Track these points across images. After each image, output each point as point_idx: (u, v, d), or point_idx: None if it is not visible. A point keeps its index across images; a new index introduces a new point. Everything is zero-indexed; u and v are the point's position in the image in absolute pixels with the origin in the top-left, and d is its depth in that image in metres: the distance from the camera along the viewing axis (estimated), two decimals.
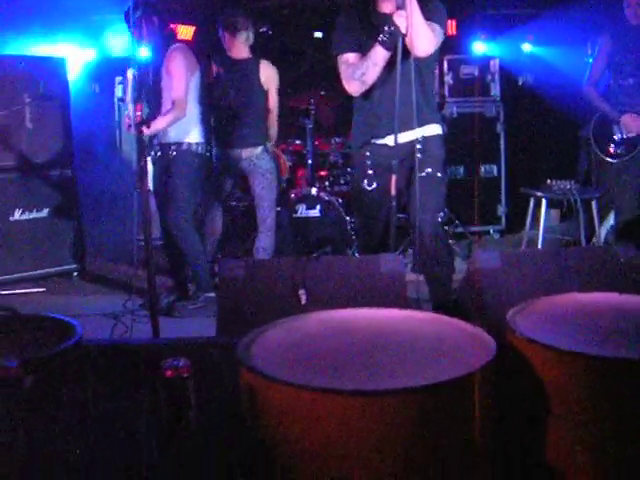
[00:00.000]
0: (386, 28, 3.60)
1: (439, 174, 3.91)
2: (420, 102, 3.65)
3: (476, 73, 7.31)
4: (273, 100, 5.67)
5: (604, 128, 5.35)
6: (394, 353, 2.11)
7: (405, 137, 3.82)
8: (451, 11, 3.84)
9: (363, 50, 3.79)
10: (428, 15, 3.66)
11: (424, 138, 3.88)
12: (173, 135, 4.95)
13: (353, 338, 2.23)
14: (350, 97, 4.05)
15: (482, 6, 7.51)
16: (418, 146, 3.83)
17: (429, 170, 3.86)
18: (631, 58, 5.21)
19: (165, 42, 4.88)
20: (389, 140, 3.83)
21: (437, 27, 3.75)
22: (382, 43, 3.64)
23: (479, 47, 7.78)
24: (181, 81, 4.81)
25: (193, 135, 5.01)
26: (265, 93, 5.60)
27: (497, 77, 7.35)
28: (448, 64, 7.18)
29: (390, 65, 3.69)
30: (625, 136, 5.21)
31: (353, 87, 3.86)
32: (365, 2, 3.91)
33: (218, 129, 5.47)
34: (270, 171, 5.54)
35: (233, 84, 5.37)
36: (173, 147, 4.95)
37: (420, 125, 3.78)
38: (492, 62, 7.36)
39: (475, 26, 7.57)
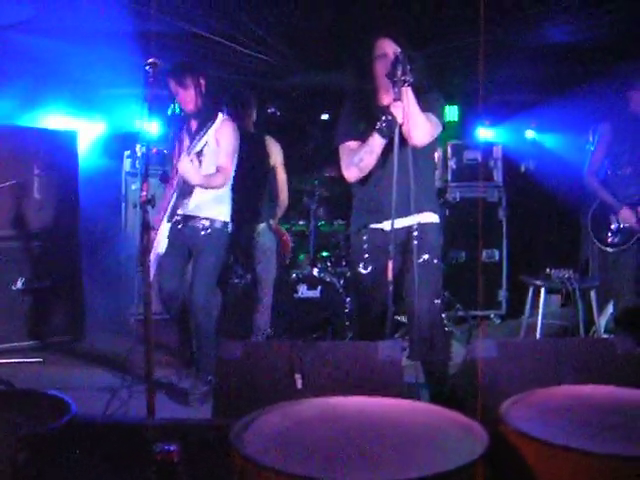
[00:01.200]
0: (383, 119, 3.72)
1: (436, 261, 3.95)
2: (416, 189, 3.71)
3: (479, 159, 7.41)
4: (282, 177, 5.76)
5: (601, 217, 5.41)
6: (387, 444, 2.10)
7: (401, 223, 3.86)
8: (455, 97, 3.95)
9: (363, 139, 3.90)
10: (425, 106, 3.80)
11: (420, 225, 3.92)
12: (205, 209, 4.73)
13: (347, 427, 2.23)
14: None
15: (486, 93, 7.64)
16: (415, 233, 3.87)
17: (426, 257, 3.90)
18: (629, 148, 5.30)
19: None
20: (385, 225, 3.90)
21: (434, 118, 3.88)
22: (379, 131, 3.76)
23: (483, 133, 7.90)
24: (231, 155, 4.72)
25: (226, 212, 4.84)
26: (271, 169, 5.67)
27: (500, 163, 7.45)
28: (452, 149, 7.29)
29: (388, 153, 3.79)
30: (622, 226, 5.26)
31: (350, 173, 3.98)
32: (367, 94, 4.03)
33: None
34: (271, 249, 5.58)
35: (239, 158, 5.42)
36: (206, 223, 4.73)
37: (416, 212, 3.83)
38: (495, 148, 7.48)
39: (479, 112, 7.70)
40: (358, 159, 3.89)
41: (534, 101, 7.79)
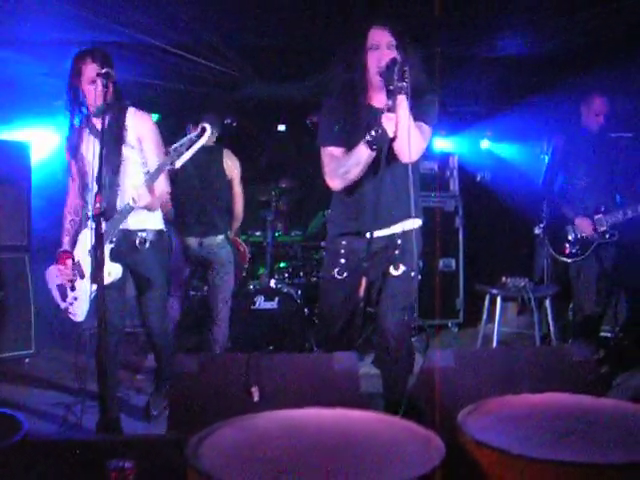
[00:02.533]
0: (373, 131, 3.47)
1: (413, 273, 3.79)
2: (403, 198, 3.56)
3: (436, 169, 7.47)
4: (237, 190, 5.72)
5: (557, 228, 5.47)
6: (344, 456, 2.09)
7: (383, 232, 3.75)
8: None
9: (349, 144, 3.64)
10: (419, 113, 3.53)
11: (403, 232, 3.76)
12: (141, 221, 4.21)
13: (305, 440, 2.21)
14: (312, 188, 4.01)
15: (442, 103, 7.69)
16: (398, 241, 3.75)
17: (404, 269, 3.76)
18: (583, 161, 5.39)
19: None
20: (367, 234, 3.68)
21: (427, 128, 3.62)
22: (368, 144, 3.50)
23: (439, 143, 7.96)
24: (162, 151, 4.12)
25: (160, 220, 4.37)
26: (228, 182, 5.65)
27: (456, 173, 7.52)
28: None
29: (375, 163, 3.55)
30: (579, 236, 5.33)
31: (334, 183, 3.71)
32: (354, 92, 3.71)
33: (179, 216, 5.42)
34: (229, 261, 5.54)
35: (197, 171, 5.40)
36: (143, 235, 4.22)
37: (400, 220, 3.71)
38: (451, 158, 7.54)
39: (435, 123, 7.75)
40: (344, 171, 3.62)
41: (488, 112, 7.86)
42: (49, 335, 6.17)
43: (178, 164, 3.90)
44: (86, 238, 4.12)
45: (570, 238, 5.38)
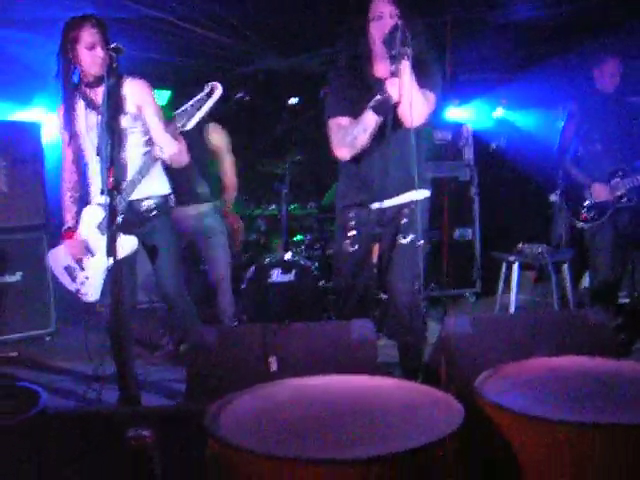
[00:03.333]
0: (378, 96, 3.51)
1: (421, 241, 3.77)
2: (410, 168, 3.54)
3: (449, 138, 7.41)
4: (227, 159, 5.63)
5: (574, 194, 5.43)
6: (363, 421, 2.09)
7: (391, 202, 3.79)
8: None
9: (356, 113, 3.67)
10: (423, 81, 3.57)
11: (410, 202, 3.78)
12: (151, 186, 4.09)
13: (322, 406, 2.22)
14: (326, 160, 4.00)
15: (454, 72, 7.64)
16: (405, 210, 3.78)
17: (412, 237, 3.79)
18: (598, 125, 5.33)
19: None
20: (375, 204, 3.80)
21: (431, 95, 3.65)
22: (373, 109, 3.54)
23: (452, 113, 7.90)
24: (162, 116, 4.04)
25: (165, 185, 4.24)
26: (213, 151, 5.56)
27: (470, 142, 7.45)
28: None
29: (381, 130, 3.61)
30: (595, 202, 5.30)
31: (342, 152, 3.74)
32: (358, 63, 3.78)
33: None
34: (217, 230, 5.42)
35: None
36: (153, 201, 4.11)
37: (408, 190, 3.73)
38: (465, 127, 7.48)
39: (448, 92, 7.69)
40: (351, 138, 3.64)
41: (502, 79, 7.80)
42: (69, 313, 6.20)
43: (189, 125, 3.84)
44: (91, 214, 4.08)
45: (586, 203, 5.34)
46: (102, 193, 3.57)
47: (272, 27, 6.45)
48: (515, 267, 5.79)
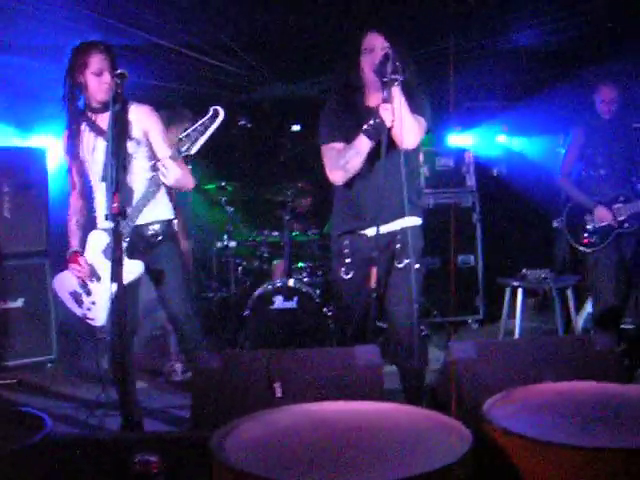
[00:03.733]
0: (371, 121, 3.57)
1: (417, 265, 3.84)
2: (402, 197, 3.59)
3: (452, 164, 7.43)
4: None
5: (577, 218, 5.43)
6: (369, 447, 2.08)
7: (386, 229, 3.79)
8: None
9: (349, 140, 3.73)
10: (413, 107, 3.64)
11: (404, 229, 3.82)
12: (154, 211, 4.06)
13: (328, 432, 2.20)
14: (328, 187, 4.04)
15: (457, 99, 7.68)
16: (398, 236, 3.80)
17: (407, 261, 3.81)
18: (602, 151, 5.34)
19: None
20: (369, 231, 3.82)
21: (422, 120, 3.74)
22: (366, 133, 3.60)
23: (454, 139, 7.93)
24: (168, 141, 4.09)
25: (170, 209, 4.22)
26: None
27: (472, 168, 7.46)
28: (424, 156, 7.27)
29: (374, 155, 3.65)
30: (597, 226, 5.30)
31: (336, 176, 3.80)
32: (352, 93, 3.87)
33: None
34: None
35: None
36: (158, 227, 4.09)
37: (401, 216, 3.75)
38: (467, 154, 7.50)
39: (450, 118, 7.73)
40: (344, 162, 3.71)
41: (504, 106, 7.83)
42: (70, 341, 6.19)
43: (194, 150, 3.83)
44: (96, 239, 4.07)
45: (589, 228, 5.34)
46: (107, 218, 3.55)
47: (274, 54, 6.50)
48: (519, 293, 5.78)
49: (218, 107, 3.86)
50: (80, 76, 3.89)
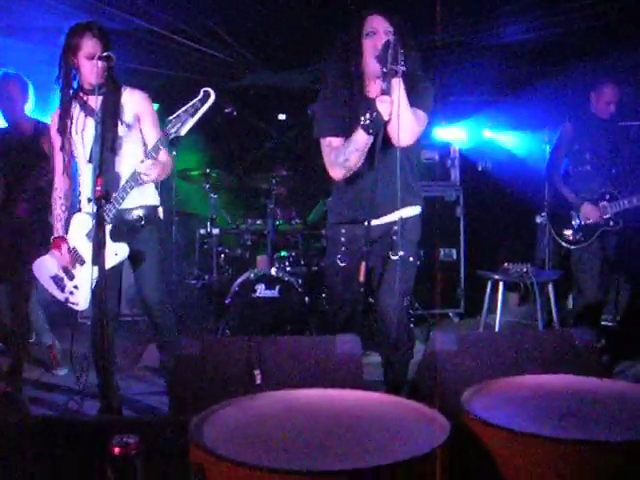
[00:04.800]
0: (368, 114, 3.46)
1: (411, 258, 3.83)
2: (402, 185, 3.52)
3: (436, 158, 7.45)
4: None
5: (562, 214, 5.45)
6: (348, 435, 2.08)
7: (383, 220, 3.77)
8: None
9: (347, 134, 3.64)
10: (414, 99, 3.53)
11: (402, 219, 3.77)
12: (138, 196, 4.06)
13: (307, 419, 2.21)
14: (316, 176, 3.99)
15: (442, 92, 7.68)
16: (395, 227, 3.76)
17: (402, 253, 3.77)
18: (590, 147, 5.38)
19: None
20: (365, 223, 3.72)
21: (422, 114, 3.62)
22: (364, 128, 3.50)
23: (440, 133, 7.94)
24: (159, 127, 4.09)
25: (155, 195, 4.25)
26: None
27: (457, 162, 7.49)
28: None
29: (372, 148, 3.56)
30: (583, 222, 5.32)
31: (336, 172, 3.73)
32: (350, 82, 3.73)
33: None
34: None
35: None
36: (141, 212, 4.11)
37: (400, 207, 3.67)
38: (452, 148, 7.52)
39: (436, 112, 7.74)
40: (343, 159, 3.63)
41: (490, 100, 7.85)
42: (49, 323, 6.15)
43: (183, 131, 3.78)
44: (80, 222, 4.05)
45: (574, 224, 5.36)
46: (89, 201, 3.53)
47: (263, 42, 6.48)
48: (500, 286, 5.81)
49: (209, 89, 3.81)
50: (73, 58, 3.89)
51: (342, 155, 3.64)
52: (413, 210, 3.86)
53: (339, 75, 3.77)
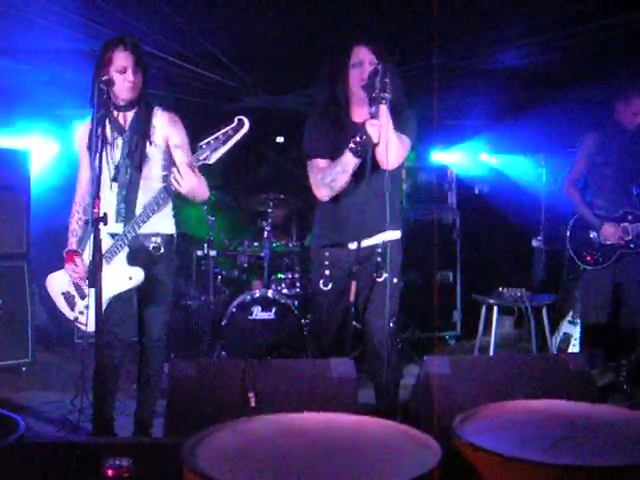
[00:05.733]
0: (358, 137, 3.56)
1: (395, 280, 3.88)
2: (384, 210, 3.60)
3: (434, 181, 7.48)
4: None
5: (581, 233, 5.29)
6: (341, 458, 2.10)
7: (366, 243, 3.82)
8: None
9: (334, 156, 3.73)
10: (399, 126, 3.66)
11: (384, 243, 3.84)
12: (155, 222, 3.95)
13: (300, 443, 2.22)
14: (309, 199, 4.05)
15: (440, 116, 7.73)
16: (378, 250, 3.81)
17: (386, 275, 3.82)
18: (612, 160, 5.16)
19: None
20: (350, 245, 3.83)
21: (406, 140, 3.75)
22: (352, 151, 3.59)
23: (437, 156, 7.99)
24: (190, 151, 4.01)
25: (172, 223, 4.16)
26: None
27: (454, 185, 7.53)
28: (406, 172, 7.33)
29: (359, 172, 3.66)
30: (602, 243, 5.17)
31: (322, 192, 3.81)
32: (337, 107, 3.85)
33: None
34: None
35: None
36: (157, 240, 4.03)
37: (383, 231, 3.76)
38: (449, 171, 7.56)
39: (433, 135, 7.79)
40: (330, 179, 3.72)
41: (486, 125, 7.89)
42: (45, 343, 6.17)
43: (212, 159, 3.67)
44: None
45: (594, 244, 5.21)
46: (104, 223, 3.39)
47: (260, 65, 6.51)
48: (495, 310, 5.83)
49: (243, 117, 3.71)
50: (106, 72, 3.79)
51: (329, 176, 3.72)
52: (395, 235, 3.94)
53: (326, 100, 3.91)
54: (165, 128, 3.99)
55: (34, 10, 4.75)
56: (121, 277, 3.83)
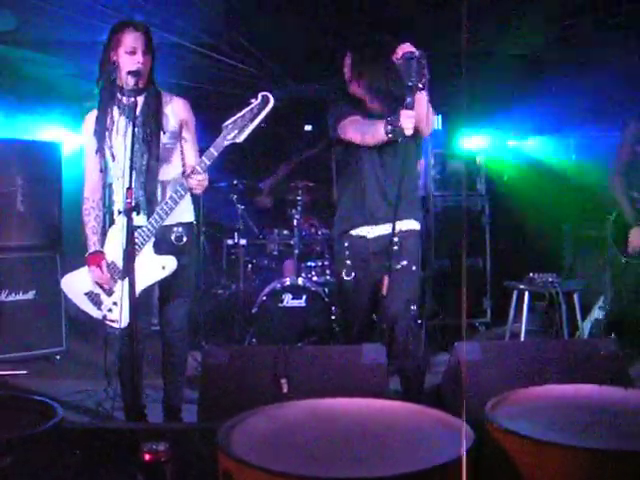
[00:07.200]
0: (394, 122, 3.57)
1: (414, 267, 3.91)
2: (400, 197, 3.64)
3: (462, 168, 7.45)
4: None
5: (623, 226, 5.13)
6: (373, 443, 2.12)
7: (382, 230, 3.88)
8: (438, 106, 4.00)
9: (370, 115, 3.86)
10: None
11: (401, 232, 3.86)
12: (178, 213, 3.87)
13: (333, 428, 2.24)
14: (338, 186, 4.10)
15: (469, 102, 7.68)
16: (395, 239, 3.80)
17: (404, 263, 3.86)
18: None
19: None
20: (367, 232, 3.91)
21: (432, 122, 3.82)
22: (386, 128, 3.63)
23: (466, 142, 7.95)
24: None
25: (192, 212, 4.09)
26: None
27: (483, 172, 7.49)
28: (435, 158, 7.32)
29: (378, 159, 3.80)
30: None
31: (350, 134, 3.86)
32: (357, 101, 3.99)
33: None
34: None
35: None
36: (180, 230, 3.96)
37: (398, 219, 3.75)
38: (478, 157, 7.52)
39: (462, 122, 7.75)
40: (362, 131, 3.78)
41: (516, 110, 7.84)
42: (78, 332, 6.23)
43: (241, 138, 3.61)
44: (118, 236, 3.75)
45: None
46: (136, 213, 3.34)
47: (288, 54, 6.53)
48: (526, 296, 5.80)
49: (267, 93, 3.65)
50: (114, 55, 3.72)
51: (362, 127, 3.80)
52: (412, 224, 3.98)
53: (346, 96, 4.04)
54: (182, 113, 3.92)
55: (63, 2, 4.79)
56: (154, 267, 3.78)
